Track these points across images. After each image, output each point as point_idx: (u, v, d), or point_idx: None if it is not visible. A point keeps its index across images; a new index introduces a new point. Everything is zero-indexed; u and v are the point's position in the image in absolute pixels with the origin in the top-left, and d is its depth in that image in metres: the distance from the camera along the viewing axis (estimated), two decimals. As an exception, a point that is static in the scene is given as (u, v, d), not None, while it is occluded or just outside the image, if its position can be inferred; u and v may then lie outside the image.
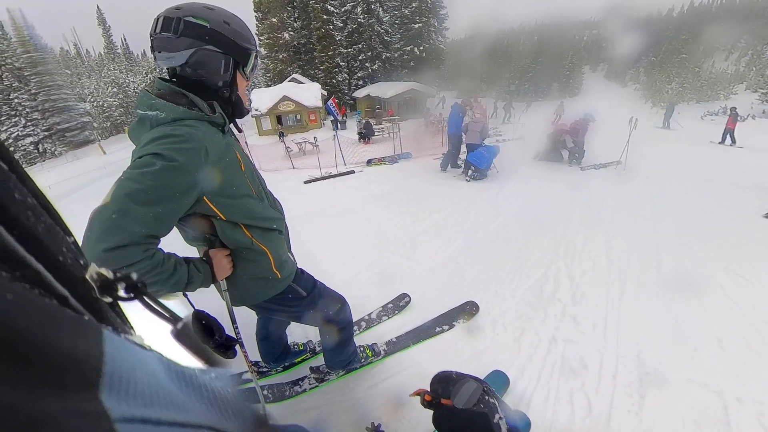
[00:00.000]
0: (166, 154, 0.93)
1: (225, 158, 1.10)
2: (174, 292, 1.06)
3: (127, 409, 0.20)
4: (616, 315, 2.59)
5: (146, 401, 0.22)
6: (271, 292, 1.37)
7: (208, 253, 1.18)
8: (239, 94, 1.19)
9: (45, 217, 0.28)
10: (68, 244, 0.30)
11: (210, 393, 0.30)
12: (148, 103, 1.03)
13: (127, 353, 0.23)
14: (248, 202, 1.19)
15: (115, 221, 0.86)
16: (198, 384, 0.29)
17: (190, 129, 1.00)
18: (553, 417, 1.81)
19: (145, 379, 0.23)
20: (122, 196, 0.88)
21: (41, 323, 0.18)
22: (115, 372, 0.20)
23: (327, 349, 1.88)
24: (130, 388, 0.21)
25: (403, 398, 1.93)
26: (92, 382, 0.19)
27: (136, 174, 0.91)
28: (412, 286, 2.90)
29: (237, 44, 1.11)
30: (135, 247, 0.89)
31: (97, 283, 0.31)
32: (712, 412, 1.87)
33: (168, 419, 0.22)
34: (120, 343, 0.23)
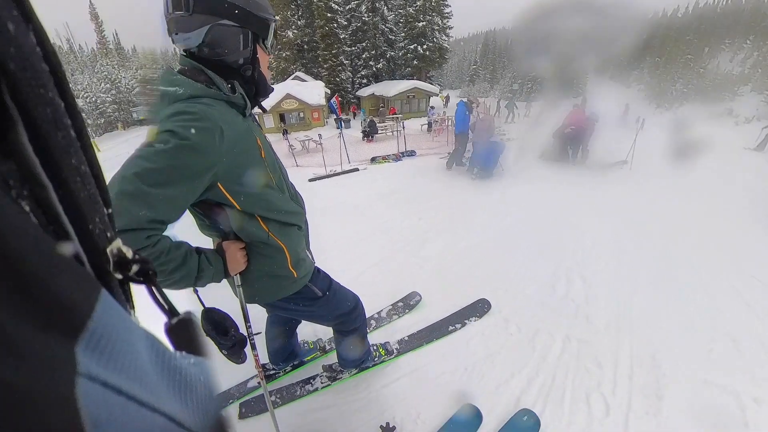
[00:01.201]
0: (179, 131, 0.86)
1: (243, 142, 1.03)
2: (182, 285, 0.99)
3: (95, 368, 0.20)
4: (629, 315, 2.57)
5: (117, 368, 0.22)
6: (285, 291, 1.31)
7: (221, 244, 1.10)
8: (262, 71, 1.09)
9: (92, 186, 0.29)
10: (103, 215, 0.31)
11: (181, 377, 0.30)
12: (170, 79, 0.97)
13: (117, 317, 0.23)
14: (267, 192, 1.11)
15: (120, 201, 0.80)
16: (173, 366, 0.29)
17: (206, 107, 0.92)
18: (570, 418, 1.79)
19: (124, 347, 0.23)
20: (131, 175, 0.81)
21: (46, 263, 0.18)
22: (98, 330, 0.21)
23: (340, 348, 1.85)
24: (107, 349, 0.21)
25: (417, 397, 1.92)
26: (74, 331, 0.19)
27: (148, 152, 0.84)
28: (421, 285, 2.88)
29: (255, 15, 1.00)
30: (138, 232, 0.82)
31: (115, 258, 0.32)
32: (730, 414, 1.85)
33: (129, 392, 0.22)
34: (113, 307, 0.23)
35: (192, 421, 0.29)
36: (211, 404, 0.32)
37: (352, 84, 30.22)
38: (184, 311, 0.39)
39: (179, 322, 0.37)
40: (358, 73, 30.57)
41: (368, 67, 30.47)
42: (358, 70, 30.58)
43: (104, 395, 0.20)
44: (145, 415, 0.24)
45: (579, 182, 6.68)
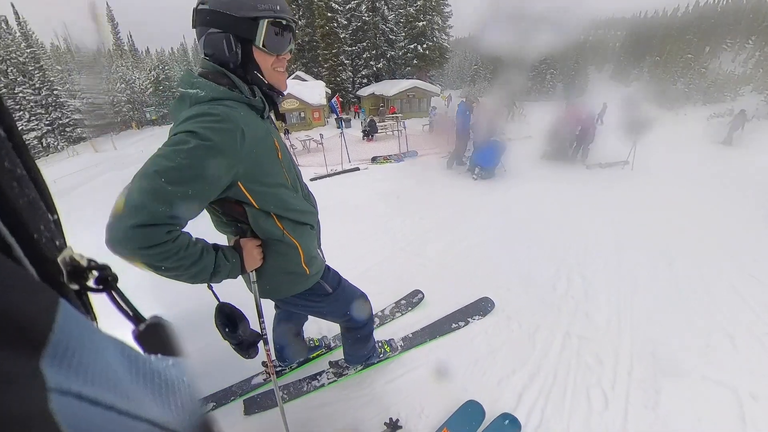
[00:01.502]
0: (201, 132, 0.89)
1: (262, 144, 1.06)
2: (198, 280, 1.01)
3: (65, 381, 0.19)
4: (629, 312, 2.61)
5: (87, 379, 0.21)
6: (299, 287, 1.35)
7: (238, 242, 1.13)
8: (260, 74, 1.07)
9: (31, 190, 0.27)
10: (48, 222, 0.30)
11: (160, 381, 0.29)
12: (190, 81, 1.01)
13: (80, 327, 0.22)
14: (282, 192, 1.15)
15: (141, 198, 0.83)
16: (149, 370, 0.28)
17: (228, 109, 0.96)
18: (570, 412, 1.83)
19: (92, 356, 0.22)
20: (152, 172, 0.85)
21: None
22: (62, 342, 0.20)
23: (347, 344, 1.89)
24: (74, 361, 0.20)
25: (421, 393, 1.96)
26: (36, 345, 0.18)
27: (169, 151, 0.88)
28: (424, 283, 2.92)
29: (234, 17, 0.98)
30: (158, 228, 0.85)
31: (68, 268, 0.30)
32: (728, 409, 1.89)
33: (105, 402, 0.22)
34: (75, 316, 0.22)
35: (176, 422, 0.29)
36: (195, 404, 0.32)
37: (352, 83, 30.26)
38: (151, 315, 0.37)
39: (148, 327, 0.35)
40: (358, 72, 30.62)
41: (368, 66, 30.52)
42: (358, 69, 30.62)
43: (80, 408, 0.20)
44: (126, 423, 0.23)
45: (580, 182, 6.74)
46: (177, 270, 0.93)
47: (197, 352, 2.16)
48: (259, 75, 1.07)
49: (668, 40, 41.45)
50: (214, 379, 2.11)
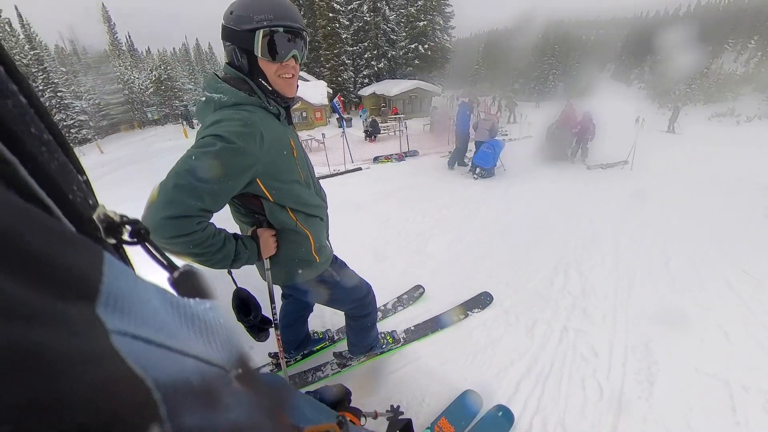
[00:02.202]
0: (225, 136, 1.00)
1: (279, 144, 1.16)
2: (221, 266, 1.12)
3: (120, 324, 0.21)
4: (625, 307, 2.67)
5: (139, 321, 0.23)
6: (310, 274, 1.45)
7: (255, 231, 1.24)
8: (265, 81, 1.14)
9: (59, 153, 0.29)
10: (79, 183, 0.31)
11: (201, 323, 0.31)
12: (215, 86, 1.11)
13: (126, 277, 0.24)
14: (296, 188, 1.25)
15: (175, 193, 0.94)
16: (190, 313, 0.30)
17: (249, 114, 1.07)
18: (566, 401, 1.90)
19: (140, 303, 0.24)
20: (184, 171, 0.96)
21: (45, 237, 0.19)
22: (112, 291, 0.21)
23: (352, 334, 1.96)
24: (125, 307, 0.22)
25: (422, 383, 2.03)
26: (89, 295, 0.20)
27: (198, 152, 0.99)
28: (425, 279, 2.99)
29: (236, 30, 1.08)
30: (190, 219, 0.97)
31: (104, 224, 0.32)
32: (719, 399, 1.95)
33: (157, 341, 0.24)
34: (119, 267, 0.23)
35: (219, 358, 0.32)
36: (232, 342, 0.35)
37: (354, 83, 30.33)
38: (183, 264, 0.40)
39: (181, 274, 0.38)
40: (360, 72, 30.70)
41: (370, 66, 30.59)
42: (359, 69, 30.70)
43: (137, 346, 0.21)
44: (177, 359, 0.26)
45: (580, 181, 6.80)
46: (203, 256, 1.04)
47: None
48: (264, 82, 1.15)
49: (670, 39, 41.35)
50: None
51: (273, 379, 0.63)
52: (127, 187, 9.48)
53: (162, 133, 30.05)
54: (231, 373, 0.35)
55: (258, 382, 0.47)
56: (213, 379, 0.31)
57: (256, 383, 0.44)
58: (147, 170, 12.59)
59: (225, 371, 0.33)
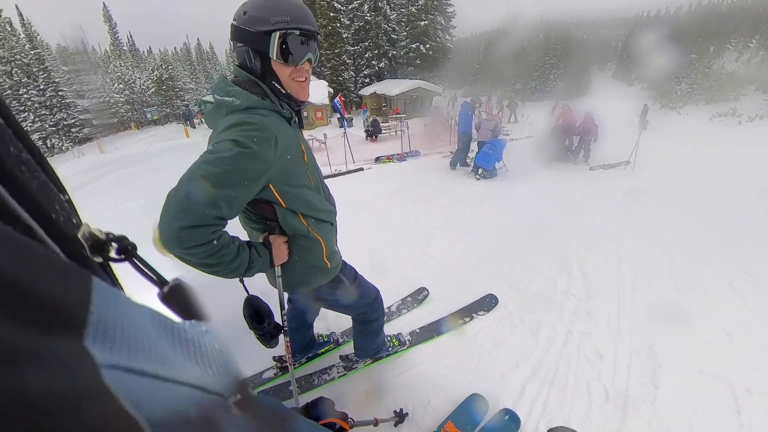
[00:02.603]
0: (241, 140, 0.97)
1: (291, 149, 1.13)
2: (234, 275, 1.09)
3: (111, 357, 0.20)
4: (629, 309, 2.68)
5: (131, 352, 0.22)
6: (321, 280, 1.44)
7: (267, 238, 1.21)
8: (278, 84, 1.13)
9: (39, 173, 0.28)
10: (62, 202, 0.31)
11: (196, 348, 0.30)
12: (225, 89, 1.08)
13: (115, 302, 0.23)
14: (306, 193, 1.23)
15: (189, 201, 0.91)
16: (185, 338, 0.29)
17: (263, 118, 1.04)
18: (572, 404, 1.91)
19: (132, 330, 0.23)
20: (198, 177, 0.93)
21: (27, 265, 0.18)
22: (102, 320, 0.20)
23: (359, 338, 1.97)
24: (116, 337, 0.21)
25: (428, 387, 2.04)
26: (77, 327, 0.19)
27: (213, 158, 0.95)
28: (428, 280, 3.00)
29: (250, 32, 1.05)
30: (206, 228, 0.93)
31: (89, 243, 0.31)
32: (723, 402, 1.96)
33: (151, 372, 0.23)
34: (109, 292, 0.22)
35: (216, 384, 0.31)
36: (229, 367, 0.34)
37: (354, 83, 30.31)
38: (173, 278, 0.39)
39: (171, 289, 0.37)
40: (360, 72, 30.68)
41: (371, 66, 30.57)
42: (360, 69, 30.68)
43: (129, 379, 0.21)
44: (171, 389, 0.25)
45: (582, 181, 6.80)
46: (218, 266, 1.01)
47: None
48: (277, 85, 1.13)
49: (672, 39, 41.20)
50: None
51: (272, 403, 0.61)
52: (130, 187, 9.51)
53: (162, 132, 30.03)
54: (230, 400, 0.34)
55: (258, 408, 0.46)
56: (211, 407, 0.30)
57: (256, 409, 0.45)
58: (147, 170, 12.61)
59: (223, 398, 0.33)
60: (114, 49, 45.26)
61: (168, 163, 13.15)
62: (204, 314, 0.38)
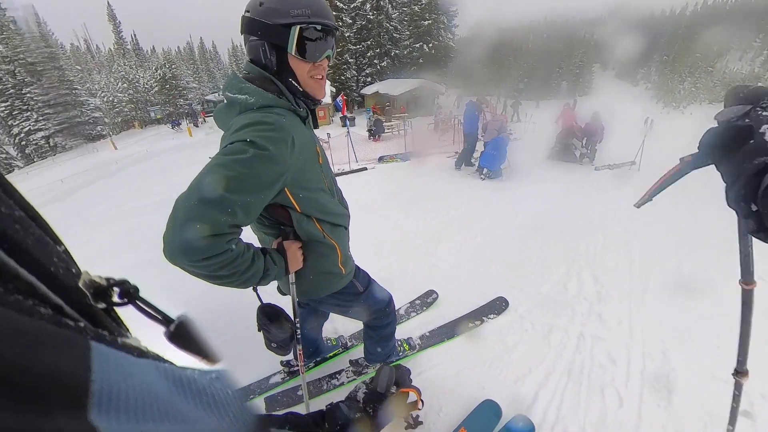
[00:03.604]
0: (258, 141, 0.90)
1: (307, 151, 1.08)
2: (247, 285, 1.03)
3: (118, 426, 0.19)
4: (641, 313, 2.65)
5: (139, 416, 0.21)
6: (335, 286, 1.39)
7: (281, 244, 1.15)
8: (294, 81, 1.07)
9: (34, 228, 0.28)
10: (59, 254, 0.30)
11: (210, 397, 0.29)
12: (238, 86, 1.02)
13: (118, 366, 0.22)
14: (321, 196, 1.18)
15: (203, 209, 0.83)
16: (197, 388, 0.28)
17: (279, 117, 0.97)
18: (586, 410, 1.89)
19: (138, 392, 0.22)
20: (212, 182, 0.85)
21: (19, 344, 0.17)
22: (105, 389, 0.20)
23: (370, 343, 1.94)
24: (121, 403, 0.20)
25: (439, 392, 2.02)
26: (79, 402, 0.18)
27: (228, 160, 0.88)
28: (436, 283, 2.98)
29: (268, 24, 0.98)
30: (220, 237, 0.86)
31: (91, 291, 0.31)
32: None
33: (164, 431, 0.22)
34: (110, 356, 0.22)
35: (234, 431, 0.30)
36: (245, 410, 0.33)
37: (356, 82, 30.29)
38: (178, 315, 0.38)
39: (177, 327, 0.37)
40: (362, 71, 30.65)
41: (373, 65, 30.55)
42: (362, 68, 30.66)
43: None
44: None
45: (587, 182, 6.76)
46: (231, 277, 0.94)
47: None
48: (294, 82, 1.07)
49: (676, 38, 41.06)
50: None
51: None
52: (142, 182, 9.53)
53: (164, 132, 30.09)
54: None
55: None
56: None
57: None
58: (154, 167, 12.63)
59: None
60: (118, 48, 45.38)
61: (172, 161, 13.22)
62: (211, 352, 0.38)
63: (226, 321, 2.52)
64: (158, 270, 1.57)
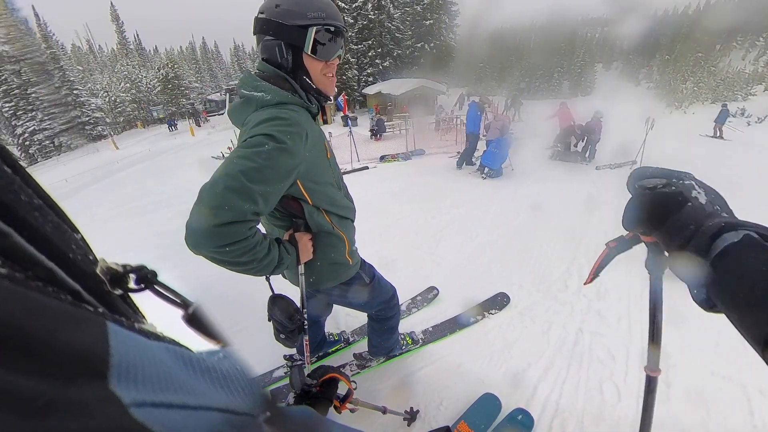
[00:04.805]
0: (276, 135, 0.96)
1: (318, 145, 1.15)
2: (263, 273, 1.08)
3: (137, 394, 0.20)
4: (640, 309, 2.67)
5: (155, 387, 0.22)
6: (342, 277, 1.45)
7: (293, 235, 1.21)
8: (309, 80, 1.14)
9: (51, 215, 0.29)
10: (76, 241, 0.31)
11: (218, 374, 0.31)
12: (253, 84, 1.08)
13: (133, 343, 0.23)
14: (330, 190, 1.25)
15: (227, 197, 0.88)
16: (205, 367, 0.30)
17: (294, 113, 1.04)
18: (584, 405, 1.91)
19: (153, 367, 0.23)
20: (236, 172, 0.90)
21: (43, 319, 0.18)
22: (122, 362, 0.21)
23: (374, 336, 1.97)
24: (138, 376, 0.21)
25: (440, 386, 2.05)
26: (101, 372, 0.19)
27: (250, 153, 0.94)
28: (438, 280, 3.01)
29: (284, 25, 1.05)
30: (242, 224, 0.91)
31: (108, 277, 0.32)
32: (736, 403, 1.96)
33: (178, 402, 0.23)
34: (125, 335, 0.23)
35: (244, 405, 0.32)
36: (254, 386, 0.34)
37: (358, 82, 30.31)
38: (194, 300, 0.39)
39: (195, 311, 0.38)
40: (364, 71, 30.66)
41: (374, 65, 30.55)
42: (364, 68, 30.67)
43: (159, 413, 0.21)
44: (202, 415, 0.26)
45: (587, 181, 6.78)
46: (250, 264, 0.99)
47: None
48: (308, 80, 1.14)
49: (678, 38, 40.88)
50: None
51: (302, 414, 0.62)
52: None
53: (167, 131, 30.16)
54: (259, 418, 0.35)
55: (289, 421, 0.47)
56: (244, 428, 0.31)
57: (288, 422, 0.46)
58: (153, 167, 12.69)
59: (253, 417, 0.34)
60: (121, 48, 45.55)
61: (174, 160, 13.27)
62: (221, 336, 0.39)
63: (225, 321, 2.55)
64: (160, 267, 1.61)
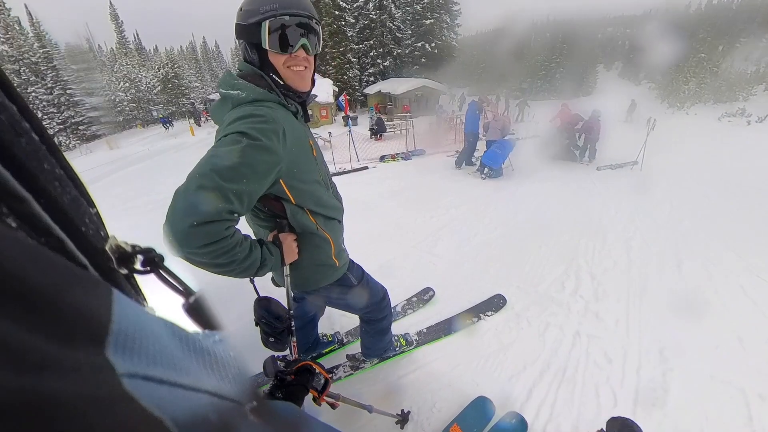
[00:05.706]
0: (250, 132, 0.94)
1: (300, 143, 1.12)
2: (245, 275, 1.05)
3: (131, 366, 0.21)
4: (638, 312, 2.64)
5: (150, 361, 0.22)
6: (329, 278, 1.42)
7: (277, 236, 1.19)
8: (276, 75, 1.11)
9: (71, 188, 0.29)
10: (91, 216, 0.31)
11: (211, 357, 0.31)
12: (231, 83, 1.07)
13: (135, 315, 0.23)
14: (316, 189, 1.22)
15: (200, 196, 0.86)
16: (200, 348, 0.30)
17: (270, 110, 1.02)
18: (580, 408, 1.88)
19: (150, 341, 0.23)
20: (209, 171, 0.88)
21: (53, 277, 0.18)
22: (122, 331, 0.21)
23: (366, 337, 1.95)
24: (135, 346, 0.22)
25: (433, 388, 2.02)
26: (99, 337, 0.19)
27: (223, 151, 0.92)
28: (435, 280, 2.97)
29: (244, 26, 1.06)
30: (218, 224, 0.89)
31: (116, 255, 0.32)
32: (735, 408, 1.92)
33: (169, 380, 0.23)
34: (128, 305, 0.23)
35: (232, 392, 0.32)
36: (244, 374, 0.34)
37: (359, 81, 30.27)
38: (198, 290, 0.39)
39: (197, 300, 0.38)
40: (365, 70, 30.63)
41: (375, 64, 30.51)
42: (365, 67, 30.63)
43: (149, 387, 0.21)
44: (191, 396, 0.26)
45: (588, 181, 6.74)
46: (230, 266, 0.96)
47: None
48: (275, 76, 1.11)
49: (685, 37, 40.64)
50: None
51: (287, 409, 0.62)
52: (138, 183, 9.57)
53: (165, 132, 30.15)
54: (246, 407, 0.35)
55: (274, 414, 0.47)
56: (229, 414, 0.31)
57: (272, 415, 0.45)
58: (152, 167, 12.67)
59: (240, 405, 0.33)
60: (120, 48, 45.52)
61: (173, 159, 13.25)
62: (219, 324, 0.39)
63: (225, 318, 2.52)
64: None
